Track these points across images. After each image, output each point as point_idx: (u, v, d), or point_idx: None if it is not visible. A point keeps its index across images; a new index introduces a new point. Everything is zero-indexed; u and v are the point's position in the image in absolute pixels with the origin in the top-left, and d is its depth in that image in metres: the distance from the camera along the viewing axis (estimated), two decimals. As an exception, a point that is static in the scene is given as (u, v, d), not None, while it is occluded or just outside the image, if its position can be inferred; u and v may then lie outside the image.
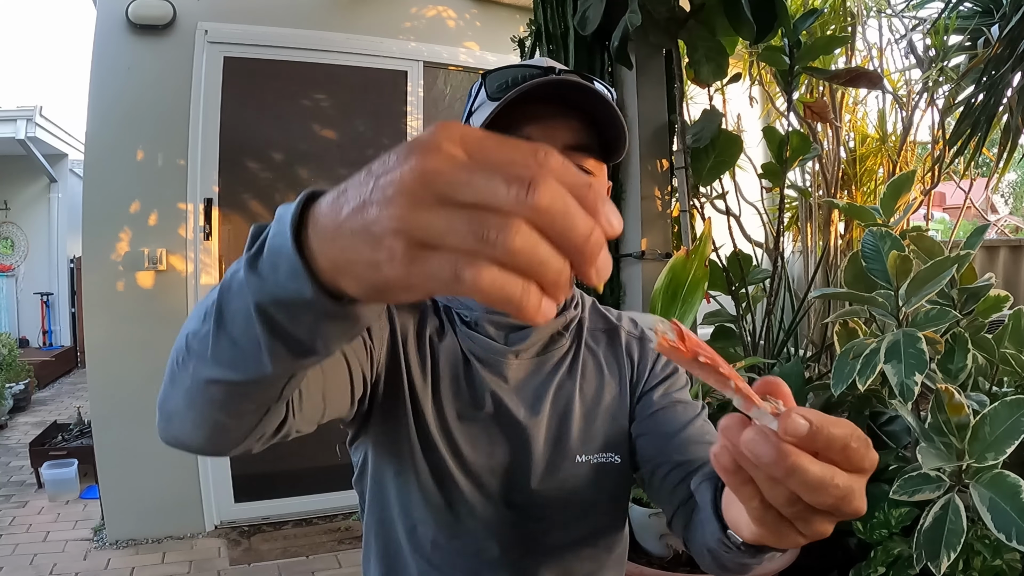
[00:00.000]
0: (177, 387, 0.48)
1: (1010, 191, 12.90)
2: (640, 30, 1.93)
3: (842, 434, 0.36)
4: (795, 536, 0.41)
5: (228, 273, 0.41)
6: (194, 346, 0.44)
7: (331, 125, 3.93)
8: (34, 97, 27.08)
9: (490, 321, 0.78)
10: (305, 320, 0.37)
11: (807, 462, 0.35)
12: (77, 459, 3.53)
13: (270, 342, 0.38)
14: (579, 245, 0.29)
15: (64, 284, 7.64)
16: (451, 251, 0.29)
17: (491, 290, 0.28)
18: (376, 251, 0.30)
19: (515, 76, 0.73)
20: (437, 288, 0.30)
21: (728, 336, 2.34)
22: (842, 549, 1.83)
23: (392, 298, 0.33)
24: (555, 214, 0.29)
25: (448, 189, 0.29)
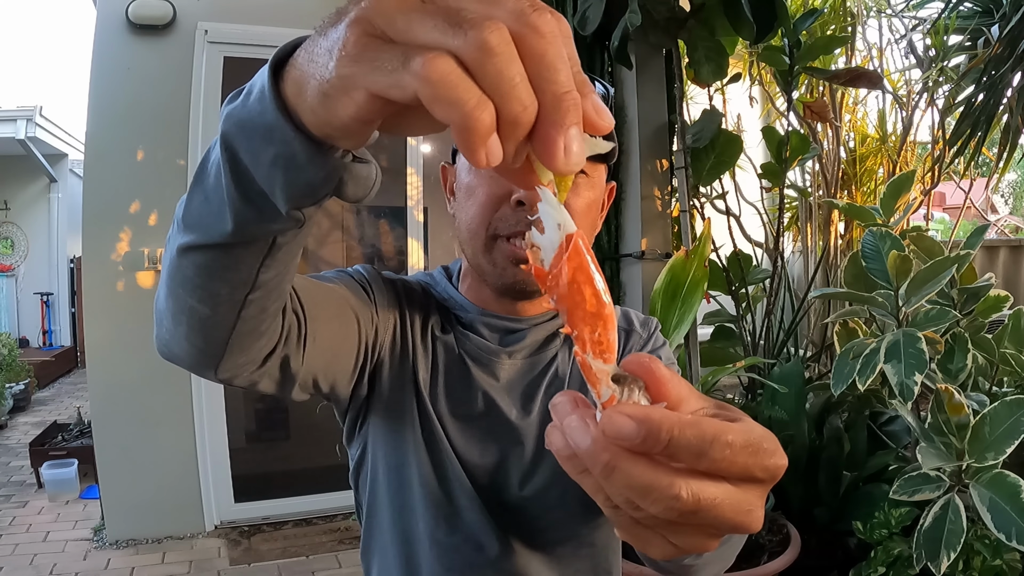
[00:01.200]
0: (162, 282, 0.49)
1: (1010, 191, 12.89)
2: (640, 30, 1.93)
3: (697, 436, 0.28)
4: (663, 546, 0.31)
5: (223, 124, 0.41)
6: (175, 221, 0.45)
7: (331, 125, 3.92)
8: (34, 97, 27.06)
9: (484, 323, 0.77)
10: (265, 155, 0.36)
11: (629, 465, 0.28)
12: (77, 459, 3.53)
13: (230, 185, 0.38)
14: (558, 93, 0.25)
15: (64, 284, 7.64)
16: (409, 44, 0.26)
17: (440, 86, 0.24)
18: (331, 47, 0.29)
19: None
20: (381, 83, 0.27)
21: (728, 336, 2.34)
22: (842, 549, 1.83)
23: (344, 111, 0.30)
24: (546, 40, 0.25)
25: (386, 25, 0.27)
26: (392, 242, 5.00)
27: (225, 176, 0.38)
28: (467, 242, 0.73)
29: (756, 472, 0.30)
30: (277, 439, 3.52)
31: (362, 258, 4.84)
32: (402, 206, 3.49)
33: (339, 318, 0.65)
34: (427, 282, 0.83)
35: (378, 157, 2.42)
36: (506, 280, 0.71)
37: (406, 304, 0.76)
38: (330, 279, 0.69)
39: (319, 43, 0.31)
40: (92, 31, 2.87)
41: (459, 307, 0.79)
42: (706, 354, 2.18)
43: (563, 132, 0.26)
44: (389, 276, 0.78)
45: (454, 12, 0.25)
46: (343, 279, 0.71)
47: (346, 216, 5.33)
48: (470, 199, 0.72)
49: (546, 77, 0.25)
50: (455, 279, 0.82)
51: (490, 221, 0.70)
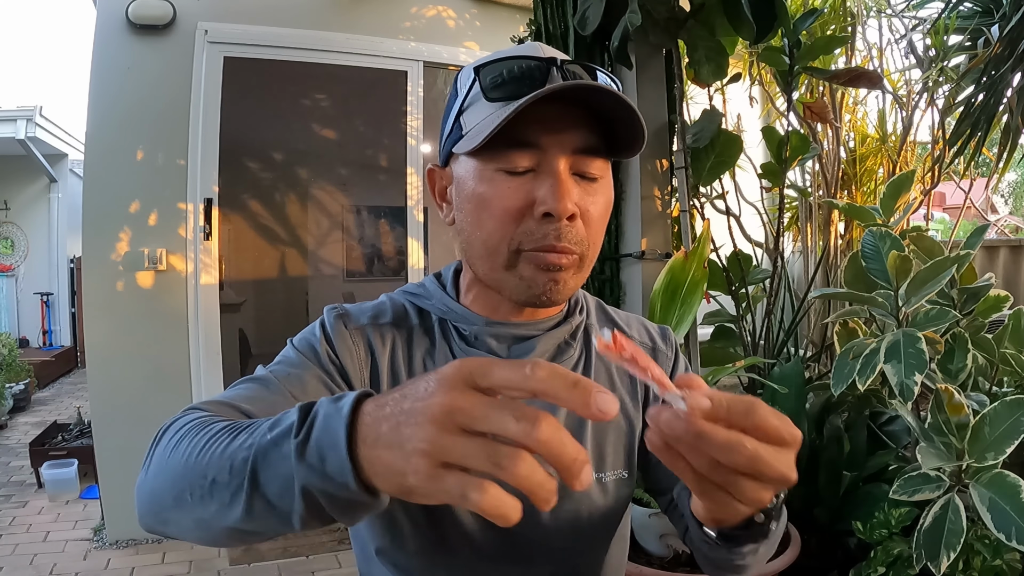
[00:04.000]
0: (184, 512, 0.49)
1: (1010, 191, 12.89)
2: (640, 30, 1.93)
3: (742, 403, 0.43)
4: (734, 504, 0.46)
5: (259, 436, 0.45)
6: (215, 492, 0.46)
7: (331, 125, 3.93)
8: (34, 97, 27.07)
9: (491, 334, 0.72)
10: (341, 503, 0.42)
11: (711, 427, 0.42)
12: (77, 459, 3.53)
13: (306, 514, 0.43)
14: (567, 465, 0.36)
15: (64, 284, 7.64)
16: (465, 472, 0.36)
17: (491, 508, 0.35)
18: (406, 465, 0.37)
19: (511, 69, 0.64)
20: (450, 501, 0.37)
21: (728, 336, 2.34)
22: (842, 549, 1.83)
23: (413, 500, 0.39)
24: (551, 444, 0.35)
25: (468, 422, 0.36)
26: (392, 242, 4.99)
27: (302, 509, 0.43)
28: (481, 258, 0.68)
29: (785, 434, 0.43)
30: (277, 439, 3.52)
31: (362, 258, 4.83)
32: (402, 206, 3.49)
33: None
34: (414, 296, 0.77)
35: (378, 157, 2.43)
36: (535, 291, 0.67)
37: (381, 348, 0.71)
38: (280, 389, 0.64)
39: (391, 445, 0.39)
40: (92, 31, 2.87)
41: (461, 319, 0.73)
42: (706, 354, 2.18)
43: (576, 478, 0.36)
44: (357, 321, 0.72)
45: (492, 447, 0.36)
46: (296, 377, 0.66)
47: (346, 216, 5.32)
48: (483, 211, 0.66)
49: (559, 459, 0.36)
50: (450, 287, 0.76)
51: (512, 236, 0.65)
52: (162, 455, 0.52)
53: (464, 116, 0.68)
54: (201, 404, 0.59)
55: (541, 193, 0.63)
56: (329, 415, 0.42)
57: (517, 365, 0.37)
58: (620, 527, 0.80)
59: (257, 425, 0.47)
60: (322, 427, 0.42)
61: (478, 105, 0.66)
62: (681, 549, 1.80)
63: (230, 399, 0.61)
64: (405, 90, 3.37)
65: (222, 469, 0.46)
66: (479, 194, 0.66)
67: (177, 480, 0.49)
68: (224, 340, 3.09)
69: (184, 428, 0.53)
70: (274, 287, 5.22)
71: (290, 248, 5.26)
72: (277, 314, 5.13)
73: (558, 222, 0.64)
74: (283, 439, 0.43)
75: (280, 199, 5.02)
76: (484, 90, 0.65)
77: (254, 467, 0.44)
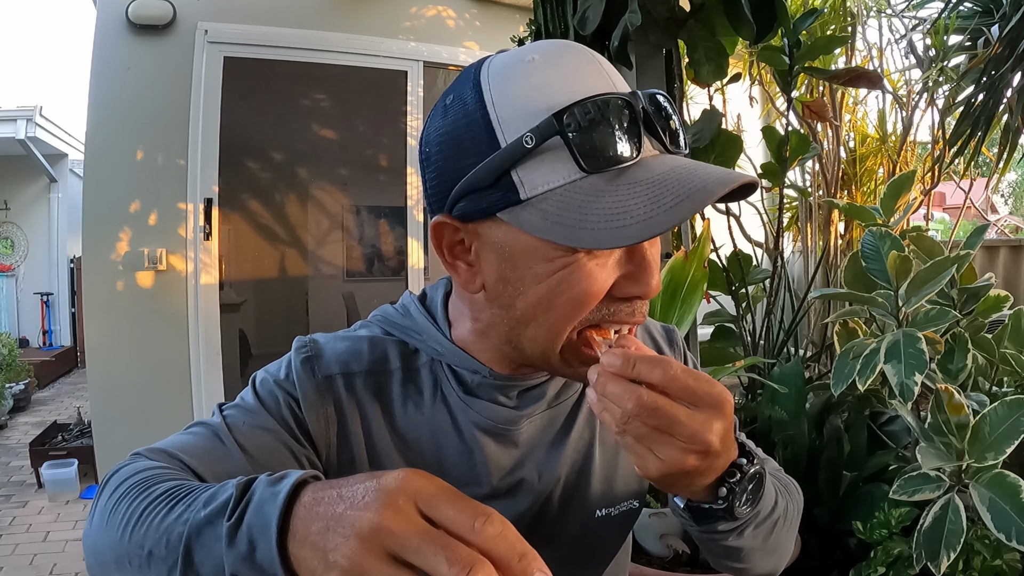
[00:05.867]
0: (124, 574, 0.47)
1: (1010, 191, 12.90)
2: (640, 30, 1.93)
3: (651, 360, 0.47)
4: (652, 459, 0.47)
5: (195, 511, 0.43)
6: (152, 565, 0.45)
7: (331, 125, 3.93)
8: (34, 97, 27.06)
9: (499, 388, 0.63)
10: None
11: (612, 383, 0.47)
12: (77, 459, 3.53)
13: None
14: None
15: (64, 284, 7.64)
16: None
17: None
18: (326, 564, 0.36)
19: (602, 111, 0.50)
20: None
21: (728, 336, 2.34)
22: (842, 549, 1.83)
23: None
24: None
25: (399, 550, 0.34)
26: (392, 242, 5.00)
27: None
28: (534, 341, 0.57)
29: (701, 392, 0.47)
30: (277, 439, 3.52)
31: (362, 258, 4.83)
32: (402, 206, 3.49)
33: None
34: (398, 329, 0.66)
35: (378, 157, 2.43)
36: (566, 375, 0.60)
37: (351, 406, 0.61)
38: (227, 442, 0.57)
39: (315, 549, 0.37)
40: (92, 31, 2.87)
41: (462, 364, 0.63)
42: (706, 354, 2.18)
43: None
44: (327, 369, 0.61)
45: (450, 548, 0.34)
46: (253, 434, 0.58)
47: (346, 216, 5.32)
48: (557, 296, 0.53)
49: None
50: (441, 319, 0.65)
51: (584, 318, 0.55)
52: (103, 511, 0.50)
53: (523, 172, 0.51)
54: (146, 452, 0.56)
55: (631, 270, 0.54)
56: (264, 500, 0.40)
57: (467, 509, 0.35)
58: (625, 542, 0.78)
59: (196, 495, 0.44)
60: (255, 512, 0.40)
61: (558, 164, 0.50)
62: (681, 549, 1.80)
63: (177, 449, 0.56)
64: (405, 90, 3.37)
65: (159, 543, 0.44)
66: (553, 276, 0.53)
67: (116, 545, 0.47)
68: (224, 340, 3.09)
69: (127, 486, 0.49)
70: (274, 287, 5.21)
71: (290, 248, 5.25)
72: (277, 314, 5.13)
73: (644, 302, 0.56)
74: (217, 518, 0.41)
75: (280, 199, 5.01)
76: (576, 152, 0.49)
77: (188, 545, 0.42)
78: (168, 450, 0.56)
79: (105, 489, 0.52)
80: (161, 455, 0.55)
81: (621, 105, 0.50)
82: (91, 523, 0.51)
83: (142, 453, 0.56)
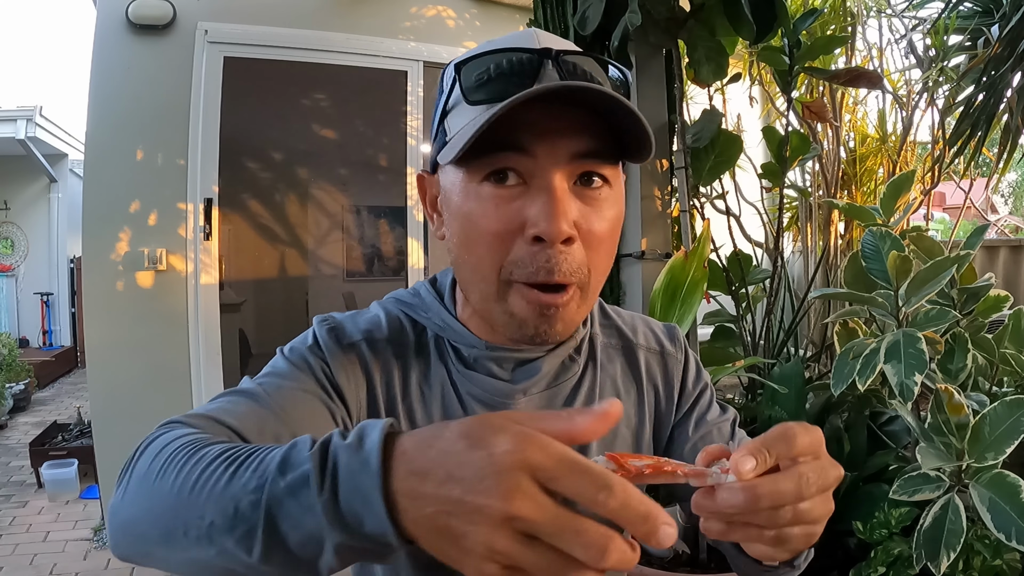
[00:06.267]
0: (175, 551, 0.43)
1: (1010, 191, 12.90)
2: (640, 30, 1.93)
3: (777, 438, 0.42)
4: (808, 540, 0.46)
5: (269, 479, 0.39)
6: (215, 536, 0.41)
7: (331, 125, 3.93)
8: (34, 97, 27.08)
9: (494, 359, 0.66)
10: (378, 554, 0.39)
11: (771, 485, 0.41)
12: (77, 459, 3.53)
13: (336, 563, 0.40)
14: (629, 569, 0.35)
15: (64, 284, 7.64)
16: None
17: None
18: (463, 560, 0.35)
19: (498, 65, 0.56)
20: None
21: (728, 336, 2.34)
22: (842, 549, 1.83)
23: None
24: (620, 566, 0.35)
25: (532, 532, 0.33)
26: (392, 242, 4.99)
27: (334, 561, 0.40)
28: (470, 284, 0.61)
29: (830, 482, 0.44)
30: (277, 439, 3.52)
31: (362, 258, 4.83)
32: (402, 206, 3.49)
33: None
34: (409, 307, 0.70)
35: (378, 157, 2.43)
36: (526, 331, 0.59)
37: (375, 366, 0.65)
38: (271, 404, 0.58)
39: (440, 515, 0.35)
40: (92, 31, 2.87)
41: (459, 339, 0.66)
42: (706, 354, 2.18)
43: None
44: (351, 336, 0.65)
45: (557, 566, 0.34)
46: (288, 391, 0.60)
47: (346, 216, 5.32)
48: (471, 232, 0.58)
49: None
50: (447, 299, 0.69)
51: (502, 264, 0.57)
52: (144, 480, 0.46)
53: (448, 120, 0.60)
54: (183, 418, 0.53)
55: (532, 212, 0.55)
56: (354, 471, 0.37)
57: (588, 481, 0.34)
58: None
59: (260, 459, 0.41)
60: (350, 487, 0.37)
61: (460, 107, 0.58)
62: (682, 549, 1.80)
63: (215, 413, 0.54)
64: (405, 90, 3.37)
65: (223, 512, 0.40)
66: (465, 212, 0.58)
67: (165, 515, 0.44)
68: (224, 340, 3.09)
69: (171, 450, 0.46)
70: (274, 287, 5.22)
71: (290, 248, 5.26)
72: (277, 314, 5.13)
73: (551, 247, 0.55)
74: (300, 490, 0.38)
75: (280, 199, 5.02)
76: (464, 91, 0.57)
77: (268, 516, 0.39)
78: (205, 414, 0.54)
79: (142, 458, 0.49)
80: (200, 419, 0.53)
81: (511, 58, 0.56)
82: (124, 496, 0.48)
83: (178, 420, 0.53)
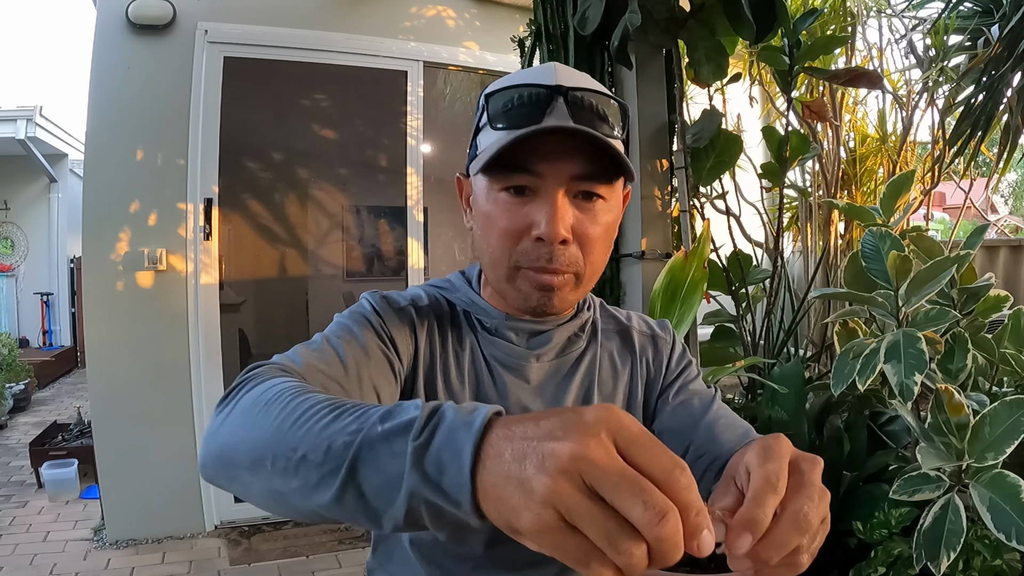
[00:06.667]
0: (259, 479, 0.48)
1: (1010, 191, 12.91)
2: (640, 30, 1.93)
3: (767, 485, 0.43)
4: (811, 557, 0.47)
5: (368, 424, 0.43)
6: (301, 469, 0.44)
7: (331, 125, 3.93)
8: (34, 97, 27.08)
9: (510, 327, 0.80)
10: (446, 518, 0.41)
11: (777, 549, 0.42)
12: (77, 459, 3.53)
13: (402, 520, 0.41)
14: (667, 564, 0.36)
15: (64, 284, 7.64)
16: (583, 538, 0.35)
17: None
18: (525, 508, 0.35)
19: (518, 97, 0.69)
20: (562, 560, 0.35)
21: (728, 336, 2.34)
22: (842, 549, 1.83)
23: (515, 538, 0.38)
24: (667, 544, 0.34)
25: (596, 483, 0.34)
26: (392, 242, 4.99)
27: (402, 516, 0.41)
28: (488, 267, 0.76)
29: (814, 477, 0.46)
30: (277, 439, 3.51)
31: (362, 258, 4.83)
32: (402, 206, 3.49)
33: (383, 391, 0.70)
34: (442, 289, 0.84)
35: (378, 157, 2.43)
36: (530, 304, 0.73)
37: (421, 327, 0.77)
38: (345, 352, 0.68)
39: (511, 479, 0.37)
40: (92, 31, 2.87)
41: (483, 313, 0.80)
42: (706, 354, 2.18)
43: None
44: (399, 302, 0.78)
45: (613, 524, 0.34)
46: (357, 342, 0.70)
47: (346, 216, 5.31)
48: (490, 228, 0.73)
49: (671, 556, 0.35)
50: (475, 283, 0.83)
51: (511, 253, 0.72)
52: (248, 411, 0.51)
53: (479, 137, 0.74)
54: (281, 362, 0.62)
55: (536, 218, 0.69)
56: (456, 427, 0.40)
57: (665, 456, 0.36)
58: None
59: (364, 409, 0.45)
60: (446, 437, 0.40)
61: (487, 130, 0.71)
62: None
63: (303, 361, 0.63)
64: (405, 90, 3.37)
65: (316, 448, 0.44)
66: (486, 212, 0.73)
67: (260, 444, 0.48)
68: (224, 340, 3.09)
69: (277, 390, 0.51)
70: (274, 287, 5.21)
71: (290, 248, 5.25)
72: (277, 314, 5.13)
73: (550, 246, 0.69)
74: (396, 436, 0.41)
75: (280, 199, 5.02)
76: (490, 117, 0.70)
77: (356, 456, 0.42)
78: (296, 365, 0.62)
79: (249, 390, 0.54)
80: (291, 365, 0.61)
81: (529, 92, 0.68)
82: (224, 421, 0.53)
83: (276, 363, 0.61)
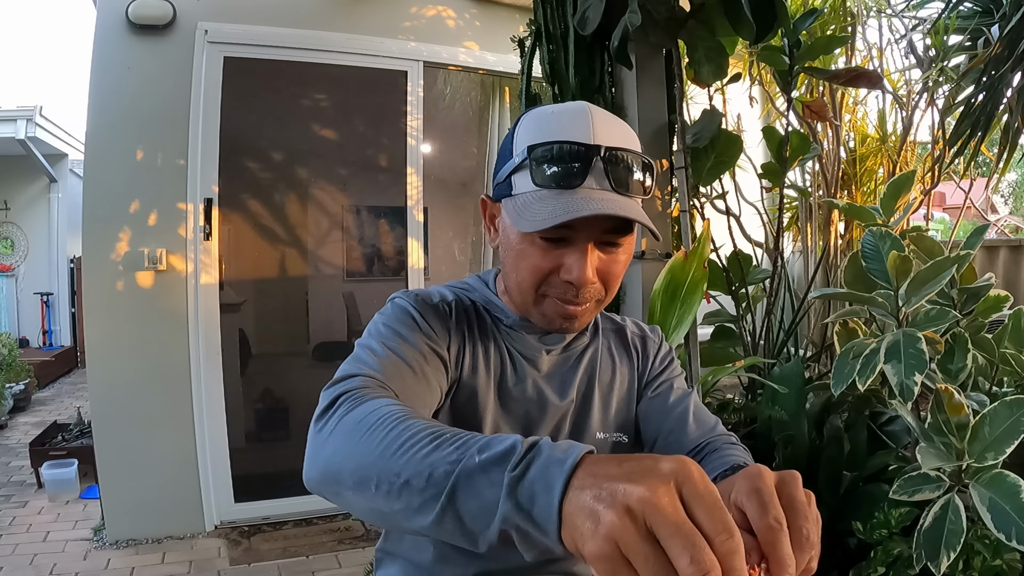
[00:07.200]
0: (362, 498, 0.54)
1: (1010, 191, 12.90)
2: (640, 30, 1.93)
3: (760, 504, 0.47)
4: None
5: (467, 455, 0.47)
6: (404, 494, 0.49)
7: (331, 125, 3.92)
8: (34, 97, 27.04)
9: (524, 327, 0.89)
10: (533, 543, 0.44)
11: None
12: (77, 459, 3.53)
13: (495, 542, 0.45)
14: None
15: (64, 284, 7.64)
16: (635, 573, 0.38)
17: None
18: (591, 534, 0.39)
19: (560, 154, 0.74)
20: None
21: (728, 336, 2.34)
22: (842, 549, 1.83)
23: (578, 557, 0.41)
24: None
25: (655, 527, 0.37)
26: (392, 242, 4.99)
27: (495, 538, 0.45)
28: (515, 291, 0.84)
29: (806, 507, 0.49)
30: (277, 439, 3.52)
31: (362, 258, 4.83)
32: (402, 206, 3.49)
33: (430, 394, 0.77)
34: (462, 289, 0.93)
35: (378, 157, 2.44)
36: (553, 325, 0.83)
37: (455, 323, 0.86)
38: (409, 357, 0.75)
39: (585, 510, 0.40)
40: (92, 31, 2.87)
41: (501, 312, 0.90)
42: (706, 354, 2.18)
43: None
44: (432, 300, 0.86)
45: (661, 568, 0.37)
46: (412, 345, 0.77)
47: (346, 216, 5.31)
48: (522, 261, 0.80)
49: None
50: (492, 285, 0.93)
51: (539, 285, 0.80)
52: (352, 433, 0.56)
53: (515, 178, 0.79)
54: (370, 374, 0.68)
55: (568, 263, 0.77)
56: (551, 462, 0.44)
57: (722, 517, 0.39)
58: None
59: (464, 440, 0.49)
60: (541, 471, 0.44)
61: (526, 178, 0.76)
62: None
63: (388, 372, 0.71)
64: (405, 90, 3.37)
65: (419, 475, 0.48)
66: (519, 250, 0.80)
67: (365, 466, 0.53)
68: (224, 340, 3.09)
69: (380, 414, 0.56)
70: (274, 287, 5.21)
71: (290, 248, 5.25)
72: (277, 314, 5.12)
73: (577, 287, 0.78)
74: (494, 466, 0.45)
75: (280, 199, 5.01)
76: (532, 173, 0.75)
77: (455, 484, 0.46)
78: (379, 378, 0.69)
79: (349, 412, 0.59)
80: (376, 382, 0.68)
81: (569, 149, 0.74)
82: (327, 440, 0.59)
83: (364, 375, 0.68)
